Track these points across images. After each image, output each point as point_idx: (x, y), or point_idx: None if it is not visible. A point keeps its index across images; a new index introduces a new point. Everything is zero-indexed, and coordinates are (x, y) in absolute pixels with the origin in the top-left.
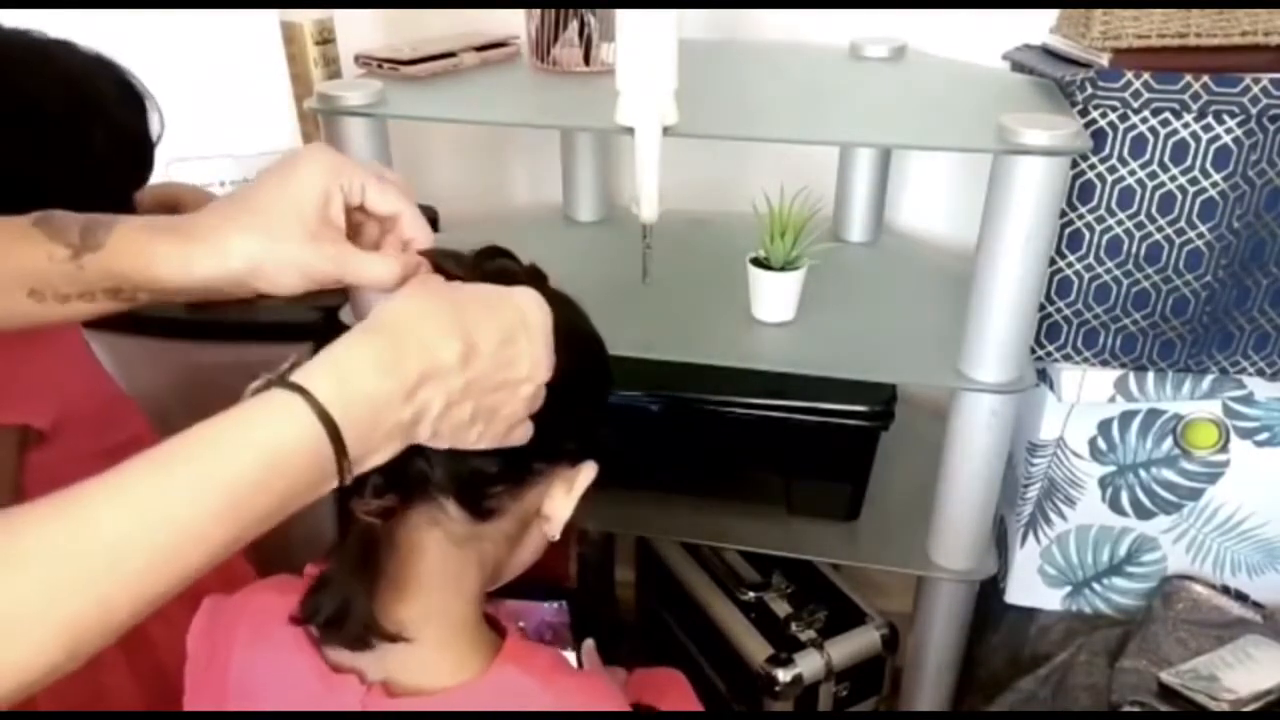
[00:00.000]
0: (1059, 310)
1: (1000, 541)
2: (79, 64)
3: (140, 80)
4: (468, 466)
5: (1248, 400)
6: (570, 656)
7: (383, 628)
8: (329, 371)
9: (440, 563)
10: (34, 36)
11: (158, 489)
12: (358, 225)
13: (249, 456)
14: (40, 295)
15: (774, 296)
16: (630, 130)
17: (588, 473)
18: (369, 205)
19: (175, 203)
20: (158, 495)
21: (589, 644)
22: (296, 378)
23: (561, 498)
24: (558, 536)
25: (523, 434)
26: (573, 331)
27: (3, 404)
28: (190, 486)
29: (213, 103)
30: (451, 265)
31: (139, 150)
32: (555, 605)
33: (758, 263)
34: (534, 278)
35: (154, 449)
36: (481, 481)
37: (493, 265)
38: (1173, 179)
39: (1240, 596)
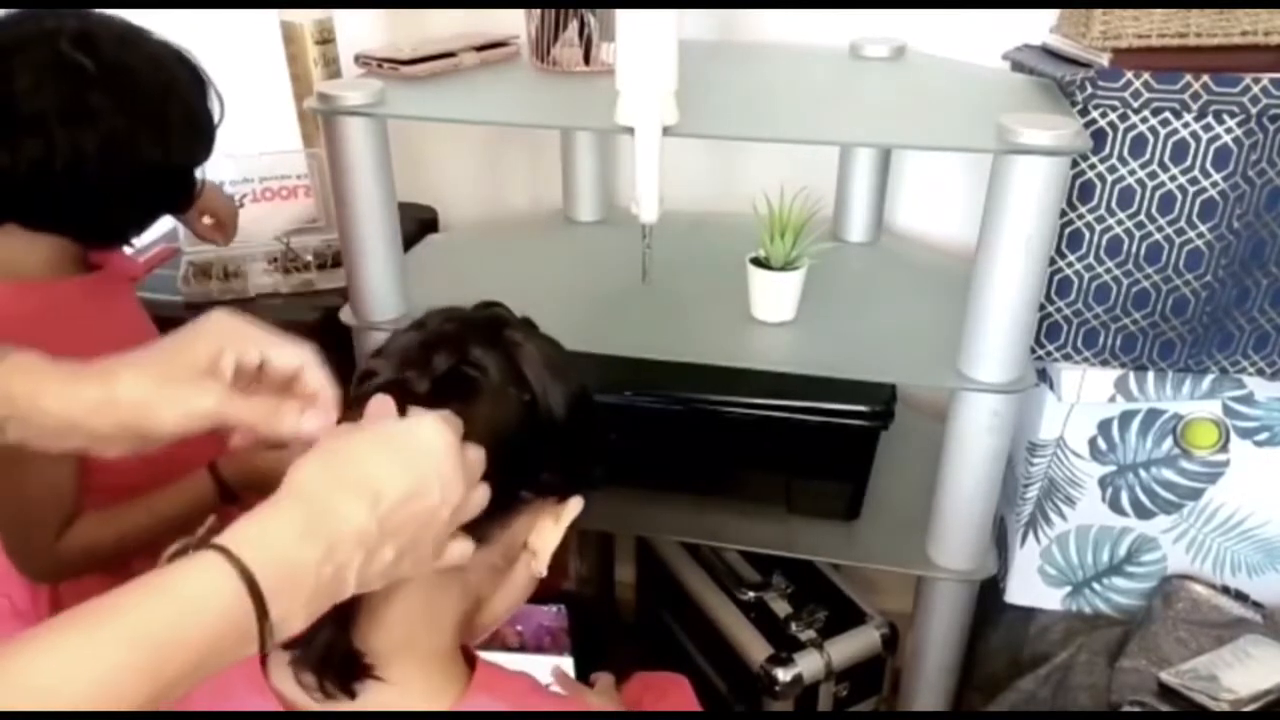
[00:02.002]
0: (1059, 310)
1: (1000, 541)
2: (159, 47)
3: (202, 66)
4: None
5: (1248, 400)
6: (566, 662)
7: (355, 653)
8: (251, 535)
9: (421, 589)
10: (121, 19)
11: (84, 645)
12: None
13: (172, 613)
14: None
15: (774, 296)
16: (630, 130)
17: (574, 507)
18: (271, 362)
19: (212, 211)
20: (84, 651)
21: (558, 668)
22: (221, 540)
23: (549, 530)
24: (544, 573)
25: (459, 552)
26: (559, 373)
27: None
28: (114, 643)
29: None
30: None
31: (206, 130)
32: (553, 609)
33: (758, 263)
34: (526, 326)
35: (87, 605)
36: None
37: (484, 314)
38: (1173, 179)
39: (1240, 596)
